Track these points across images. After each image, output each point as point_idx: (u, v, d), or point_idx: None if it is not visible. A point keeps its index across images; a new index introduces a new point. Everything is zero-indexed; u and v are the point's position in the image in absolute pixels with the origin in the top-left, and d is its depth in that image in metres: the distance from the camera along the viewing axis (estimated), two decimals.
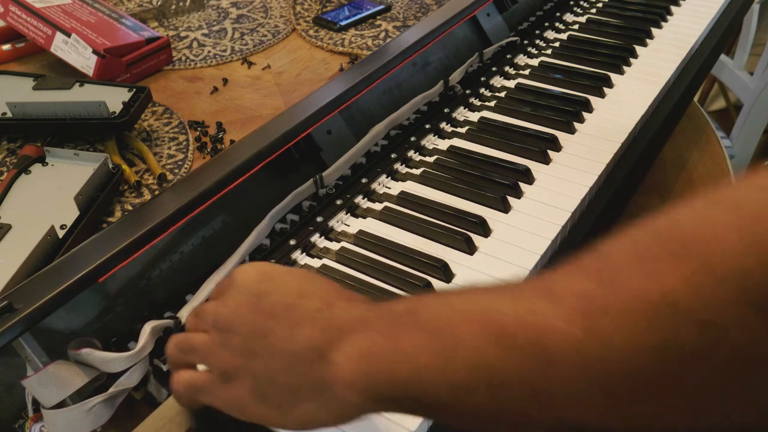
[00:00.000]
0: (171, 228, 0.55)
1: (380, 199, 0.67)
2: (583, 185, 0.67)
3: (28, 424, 0.48)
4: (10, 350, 0.47)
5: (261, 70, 0.90)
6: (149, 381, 0.51)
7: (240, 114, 0.80)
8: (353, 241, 0.62)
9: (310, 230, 0.63)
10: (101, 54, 0.82)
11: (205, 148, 0.74)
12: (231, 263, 0.57)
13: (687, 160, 0.82)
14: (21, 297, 0.47)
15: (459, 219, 0.63)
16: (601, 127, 0.74)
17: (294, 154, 0.66)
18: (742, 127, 1.60)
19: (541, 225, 0.62)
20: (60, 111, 0.71)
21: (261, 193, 0.64)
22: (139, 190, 0.67)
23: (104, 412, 0.48)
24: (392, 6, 1.03)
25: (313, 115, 0.67)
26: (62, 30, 0.84)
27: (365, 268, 0.58)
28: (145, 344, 0.50)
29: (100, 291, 0.52)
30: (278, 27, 1.00)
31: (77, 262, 0.50)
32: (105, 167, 0.65)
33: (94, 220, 0.61)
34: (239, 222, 0.61)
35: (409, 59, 0.80)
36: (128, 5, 1.07)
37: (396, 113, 0.76)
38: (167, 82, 0.88)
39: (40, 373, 0.46)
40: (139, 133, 0.77)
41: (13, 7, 0.87)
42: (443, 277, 0.57)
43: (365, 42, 0.94)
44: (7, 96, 0.75)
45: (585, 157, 0.71)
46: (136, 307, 0.54)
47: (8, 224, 0.58)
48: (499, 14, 0.96)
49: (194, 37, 0.98)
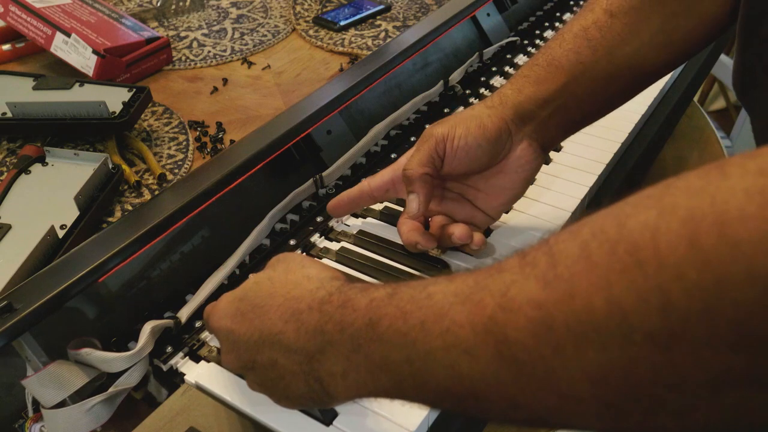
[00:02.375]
0: (171, 228, 0.55)
1: None
2: (583, 185, 0.67)
3: (28, 423, 0.48)
4: (10, 350, 0.47)
5: (261, 70, 0.90)
6: (149, 381, 0.51)
7: (240, 114, 0.80)
8: (353, 241, 0.62)
9: (310, 230, 0.63)
10: (101, 54, 0.82)
11: (205, 148, 0.74)
12: (231, 263, 0.57)
13: (687, 160, 0.82)
14: (21, 297, 0.47)
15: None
16: (601, 128, 0.74)
17: (294, 154, 0.66)
18: (742, 127, 1.61)
19: (541, 225, 0.62)
20: (60, 111, 0.71)
21: (261, 193, 0.64)
22: (139, 190, 0.67)
23: (104, 412, 0.48)
24: (392, 6, 1.03)
25: (312, 115, 0.67)
26: (62, 30, 0.84)
27: (365, 268, 0.58)
28: (145, 344, 0.50)
29: (100, 291, 0.52)
30: (278, 27, 1.00)
31: (77, 262, 0.50)
32: (105, 167, 0.65)
33: (94, 220, 0.61)
34: (239, 222, 0.61)
35: (409, 59, 0.80)
36: (128, 5, 1.07)
37: (396, 113, 0.76)
38: (167, 82, 0.88)
39: (40, 373, 0.46)
40: (139, 133, 0.77)
41: (13, 7, 0.87)
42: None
43: (365, 42, 0.94)
44: (7, 96, 0.75)
45: (585, 158, 0.71)
46: (136, 307, 0.54)
47: (8, 224, 0.58)
48: (499, 14, 0.96)
49: (194, 37, 0.98)
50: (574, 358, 0.27)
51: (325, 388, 0.38)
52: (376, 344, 0.34)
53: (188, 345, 0.52)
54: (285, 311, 0.39)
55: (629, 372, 0.25)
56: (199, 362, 0.52)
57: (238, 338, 0.42)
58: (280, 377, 0.40)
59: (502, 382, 0.29)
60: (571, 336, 0.26)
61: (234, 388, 0.48)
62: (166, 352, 0.51)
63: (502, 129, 0.56)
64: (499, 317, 0.29)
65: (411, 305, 0.33)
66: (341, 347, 0.36)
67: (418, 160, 0.55)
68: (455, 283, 0.32)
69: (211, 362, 0.51)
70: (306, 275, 0.41)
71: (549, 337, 0.27)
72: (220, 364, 0.50)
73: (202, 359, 0.52)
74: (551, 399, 0.28)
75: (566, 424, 0.29)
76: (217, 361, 0.51)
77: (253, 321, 0.41)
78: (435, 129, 0.56)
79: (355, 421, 0.46)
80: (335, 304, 0.37)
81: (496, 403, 0.30)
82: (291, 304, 0.39)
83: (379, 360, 0.34)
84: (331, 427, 0.45)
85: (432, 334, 0.32)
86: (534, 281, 0.28)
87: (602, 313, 0.26)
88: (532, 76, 0.57)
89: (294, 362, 0.39)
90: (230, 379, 0.49)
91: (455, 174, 0.57)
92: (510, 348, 0.28)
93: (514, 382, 0.29)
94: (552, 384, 0.28)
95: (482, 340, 0.29)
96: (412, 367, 0.33)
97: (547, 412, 0.29)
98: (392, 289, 0.35)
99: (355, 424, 0.46)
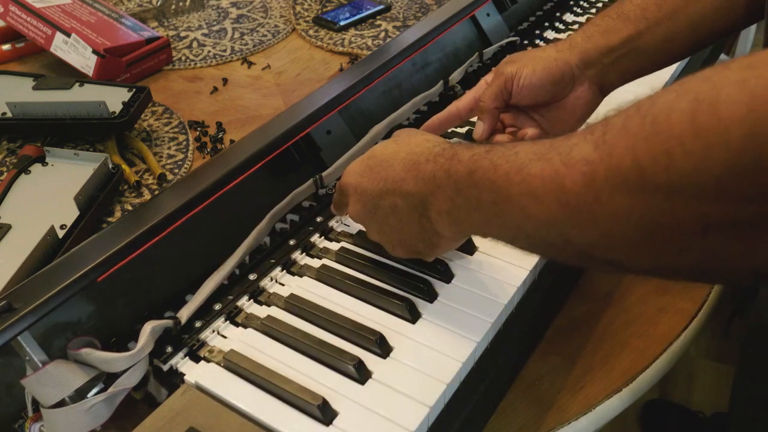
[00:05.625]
0: (171, 227, 0.55)
1: None
2: None
3: (27, 423, 0.48)
4: (9, 350, 0.47)
5: (261, 70, 0.90)
6: (149, 381, 0.51)
7: (240, 114, 0.80)
8: (353, 241, 0.62)
9: (310, 230, 0.63)
10: (101, 54, 0.82)
11: (205, 148, 0.74)
12: (231, 263, 0.57)
13: None
14: (20, 296, 0.47)
15: None
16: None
17: (294, 154, 0.66)
18: None
19: None
20: (60, 111, 0.71)
21: (261, 193, 0.63)
22: (139, 190, 0.67)
23: (104, 412, 0.48)
24: (392, 6, 1.03)
25: (312, 115, 0.67)
26: (62, 30, 0.84)
27: (365, 268, 0.58)
28: (145, 344, 0.49)
29: (100, 290, 0.52)
30: (278, 27, 1.00)
31: (77, 261, 0.50)
32: (105, 167, 0.65)
33: (94, 220, 0.61)
34: (239, 222, 0.60)
35: (408, 59, 0.80)
36: (128, 5, 1.07)
37: (396, 113, 0.75)
38: (167, 82, 0.88)
39: (39, 372, 0.46)
40: (139, 133, 0.77)
41: (13, 7, 0.87)
42: (443, 277, 0.57)
43: (365, 42, 0.94)
44: (7, 96, 0.75)
45: None
46: (136, 307, 0.54)
47: (8, 224, 0.58)
48: (499, 14, 0.95)
49: (194, 37, 0.98)
50: (608, 203, 0.35)
51: (433, 226, 0.48)
52: (472, 189, 0.44)
53: (188, 345, 0.52)
54: (407, 163, 0.50)
55: (644, 215, 0.33)
56: (199, 362, 0.52)
57: (366, 189, 0.52)
58: (398, 220, 0.51)
59: (559, 223, 0.38)
60: (607, 186, 0.34)
61: (234, 388, 0.48)
62: (166, 352, 0.51)
63: (566, 73, 0.63)
64: (561, 171, 0.37)
65: (501, 159, 0.42)
66: (447, 190, 0.46)
67: (490, 94, 0.64)
68: (537, 145, 0.40)
69: (211, 362, 0.51)
70: (425, 138, 0.52)
71: (593, 186, 0.35)
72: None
73: (202, 359, 0.52)
74: (593, 235, 0.37)
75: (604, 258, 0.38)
76: (217, 362, 0.51)
77: (380, 173, 0.51)
78: (506, 67, 0.64)
79: (355, 421, 0.46)
80: (446, 157, 0.47)
81: (554, 240, 0.39)
82: (412, 157, 0.50)
83: (475, 201, 0.44)
84: (331, 426, 0.45)
85: (513, 182, 0.40)
86: (589, 144, 0.36)
87: (628, 169, 0.33)
88: (602, 26, 0.64)
89: (411, 204, 0.49)
90: (230, 379, 0.49)
91: (522, 105, 0.66)
92: (566, 195, 0.37)
93: (566, 222, 0.37)
94: (594, 224, 0.36)
95: (548, 189, 0.38)
96: (497, 208, 0.42)
97: (590, 247, 0.38)
98: (490, 147, 0.44)
99: (355, 424, 0.46)
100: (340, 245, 0.61)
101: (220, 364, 0.50)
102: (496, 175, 0.42)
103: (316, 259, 0.61)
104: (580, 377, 0.58)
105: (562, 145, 0.38)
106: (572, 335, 0.62)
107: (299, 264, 0.60)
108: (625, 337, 0.61)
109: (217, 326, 0.54)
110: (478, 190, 0.43)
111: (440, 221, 0.48)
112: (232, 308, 0.55)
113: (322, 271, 0.58)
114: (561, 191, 0.37)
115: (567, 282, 0.66)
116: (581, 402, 0.56)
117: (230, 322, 0.55)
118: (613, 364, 0.59)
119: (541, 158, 0.39)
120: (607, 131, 0.35)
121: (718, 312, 0.66)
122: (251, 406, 0.47)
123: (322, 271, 0.58)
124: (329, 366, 0.49)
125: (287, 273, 0.59)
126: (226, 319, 0.55)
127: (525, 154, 0.41)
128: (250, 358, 0.50)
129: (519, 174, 0.40)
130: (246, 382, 0.49)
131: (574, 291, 0.66)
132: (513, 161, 0.41)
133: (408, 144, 0.52)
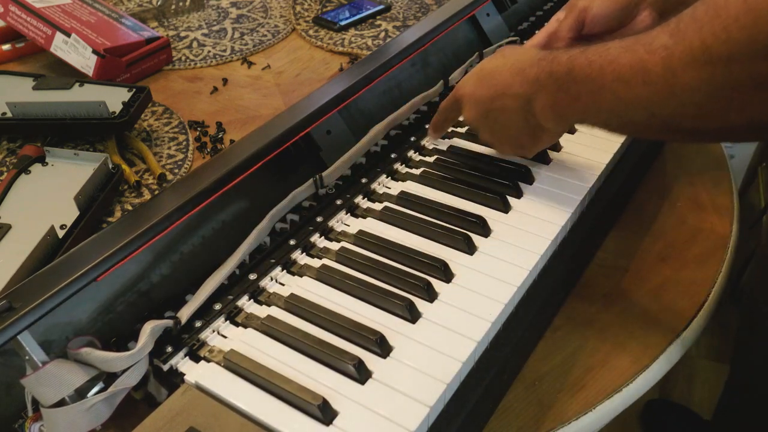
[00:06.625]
0: (170, 227, 0.55)
1: (380, 199, 0.67)
2: (583, 185, 0.67)
3: (27, 423, 0.48)
4: (9, 349, 0.47)
5: (261, 70, 0.90)
6: (149, 381, 0.51)
7: (240, 114, 0.80)
8: (353, 241, 0.62)
9: (310, 230, 0.63)
10: (101, 54, 0.82)
11: (205, 148, 0.74)
12: (231, 263, 0.57)
13: (687, 160, 0.82)
14: (20, 296, 0.47)
15: (459, 219, 0.63)
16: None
17: (294, 154, 0.66)
18: None
19: (542, 225, 0.62)
20: (60, 111, 0.71)
21: (261, 193, 0.63)
22: (139, 190, 0.67)
23: (103, 411, 0.48)
24: (392, 6, 1.03)
25: (312, 115, 0.67)
26: (62, 30, 0.85)
27: (365, 268, 0.58)
28: (145, 344, 0.49)
29: (100, 290, 0.52)
30: (278, 27, 1.00)
31: (77, 261, 0.50)
32: (105, 167, 0.65)
33: (94, 220, 0.61)
34: (239, 222, 0.60)
35: (408, 59, 0.80)
36: (128, 5, 1.07)
37: (396, 113, 0.75)
38: (167, 82, 0.88)
39: (39, 371, 0.46)
40: (139, 133, 0.77)
41: (13, 7, 0.87)
42: (443, 277, 0.57)
43: (365, 42, 0.94)
44: (7, 96, 0.75)
45: (585, 157, 0.71)
46: (136, 307, 0.54)
47: (8, 224, 0.58)
48: (499, 14, 0.95)
49: (194, 37, 0.98)
50: (682, 77, 0.44)
51: (538, 120, 0.58)
52: (572, 84, 0.53)
53: (188, 345, 0.52)
54: (514, 69, 0.59)
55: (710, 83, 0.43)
56: (199, 362, 0.52)
57: (480, 96, 0.62)
58: (507, 119, 0.61)
59: (645, 99, 0.47)
60: (681, 64, 0.44)
61: (234, 388, 0.48)
62: (166, 352, 0.51)
63: (632, 1, 0.69)
64: (645, 58, 0.47)
65: (595, 56, 0.51)
66: (550, 87, 0.55)
67: (566, 27, 0.70)
68: (625, 41, 0.49)
69: (211, 362, 0.51)
70: (525, 49, 0.62)
71: (670, 66, 0.45)
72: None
73: (202, 359, 0.52)
74: (672, 106, 0.46)
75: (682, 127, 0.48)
76: (217, 362, 0.51)
77: (491, 81, 0.61)
78: (579, 1, 0.70)
79: (355, 421, 0.46)
80: (547, 60, 0.56)
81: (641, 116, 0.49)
82: (518, 64, 0.59)
83: (574, 93, 0.53)
84: (331, 426, 0.45)
85: (605, 72, 0.50)
86: (665, 33, 0.46)
87: (696, 48, 0.43)
88: None
89: (518, 104, 0.59)
90: (230, 379, 0.49)
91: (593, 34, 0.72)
92: (650, 75, 0.46)
93: (651, 99, 0.47)
94: (672, 96, 0.46)
95: (635, 72, 0.47)
96: (594, 97, 0.51)
97: (671, 117, 0.47)
98: (585, 47, 0.53)
99: (355, 423, 0.46)
100: (340, 245, 0.61)
101: (221, 364, 0.50)
102: (591, 69, 0.51)
103: (316, 259, 0.61)
104: (580, 377, 0.58)
105: (645, 38, 0.47)
106: (572, 335, 0.62)
107: (299, 264, 0.60)
108: (625, 337, 0.61)
109: (218, 326, 0.54)
110: (576, 84, 0.52)
111: (544, 115, 0.57)
112: (233, 308, 0.55)
113: (322, 271, 0.58)
114: (645, 74, 0.46)
115: (567, 282, 0.66)
116: (581, 402, 0.56)
117: (230, 322, 0.55)
118: (613, 364, 0.59)
119: (628, 50, 0.48)
120: (680, 21, 0.45)
121: (718, 312, 0.66)
122: (251, 406, 0.47)
123: (322, 271, 0.58)
124: (329, 366, 0.49)
125: (287, 273, 0.59)
126: (227, 319, 0.55)
127: (615, 49, 0.50)
128: (250, 358, 0.50)
129: (611, 65, 0.49)
130: (246, 381, 0.49)
131: (574, 291, 0.66)
132: (605, 56, 0.50)
133: (513, 55, 0.61)
